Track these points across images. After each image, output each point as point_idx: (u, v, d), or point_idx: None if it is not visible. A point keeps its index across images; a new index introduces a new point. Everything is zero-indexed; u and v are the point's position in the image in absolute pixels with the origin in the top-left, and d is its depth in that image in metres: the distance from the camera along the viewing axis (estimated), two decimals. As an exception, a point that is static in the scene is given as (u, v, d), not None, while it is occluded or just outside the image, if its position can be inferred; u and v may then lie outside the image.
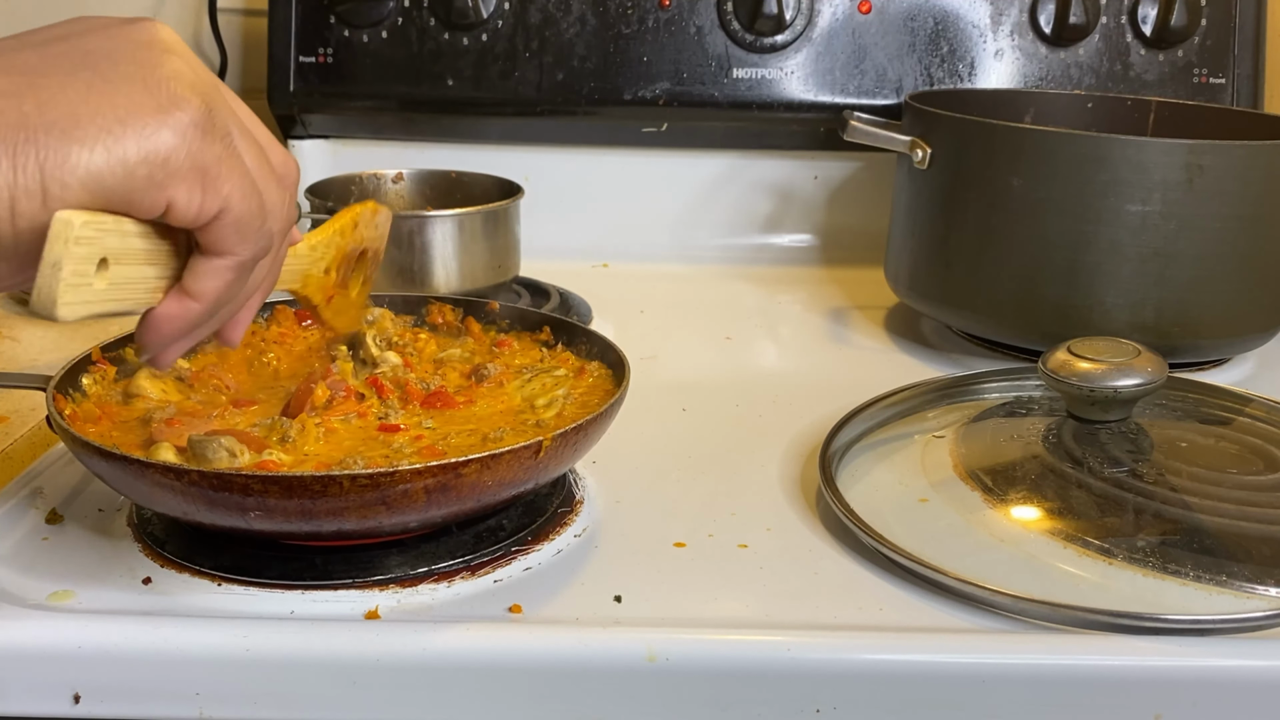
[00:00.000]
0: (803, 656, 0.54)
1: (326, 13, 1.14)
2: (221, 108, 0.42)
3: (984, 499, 0.65)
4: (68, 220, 0.39)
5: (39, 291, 0.40)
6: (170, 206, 0.40)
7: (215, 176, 0.41)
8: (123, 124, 0.39)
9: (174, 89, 0.40)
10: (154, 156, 0.39)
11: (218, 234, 0.42)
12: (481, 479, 0.55)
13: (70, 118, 0.38)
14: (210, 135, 0.41)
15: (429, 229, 0.96)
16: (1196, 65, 1.14)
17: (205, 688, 0.53)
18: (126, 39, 0.41)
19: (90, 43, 0.41)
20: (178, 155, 0.40)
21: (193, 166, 0.40)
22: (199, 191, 0.41)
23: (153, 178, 0.39)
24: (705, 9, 1.13)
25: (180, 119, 0.40)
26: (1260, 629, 0.55)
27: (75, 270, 0.40)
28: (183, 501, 0.54)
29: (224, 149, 0.42)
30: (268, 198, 0.44)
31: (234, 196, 0.42)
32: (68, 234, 0.39)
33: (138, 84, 0.40)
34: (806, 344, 1.01)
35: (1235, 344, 0.92)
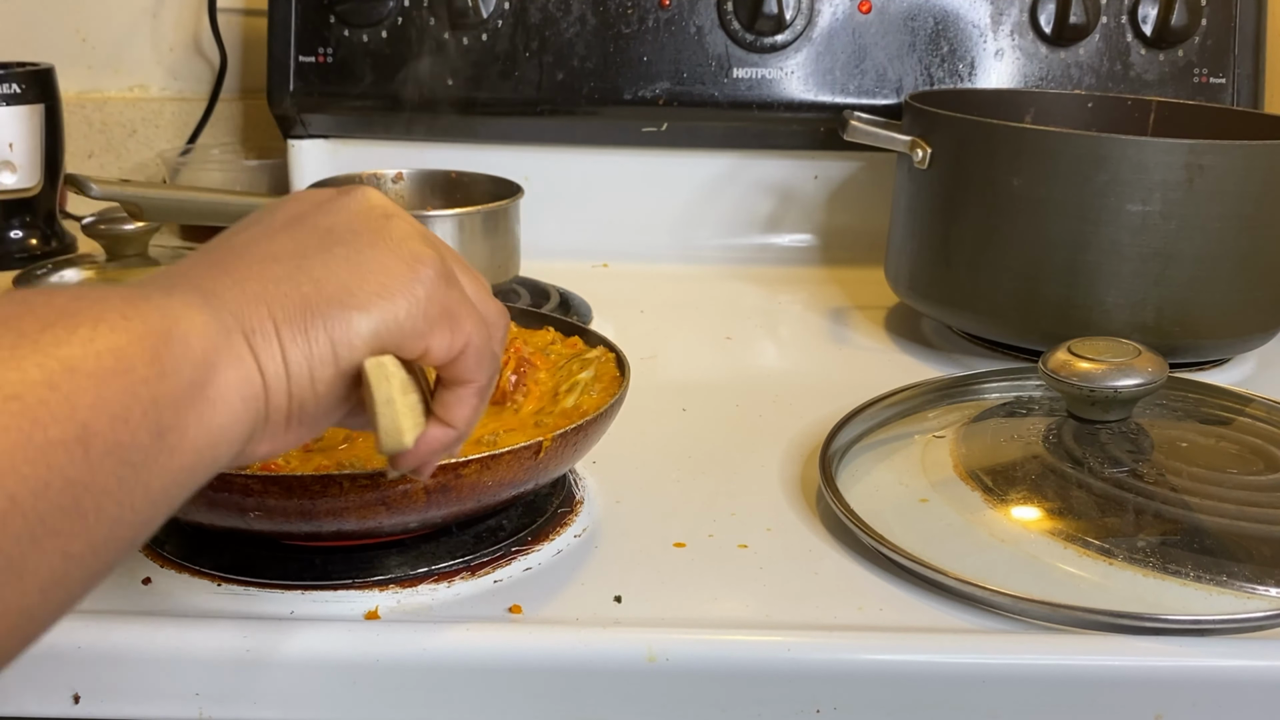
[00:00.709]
0: (803, 656, 0.54)
1: (326, 13, 1.14)
2: (447, 255, 0.48)
3: (984, 499, 0.65)
4: (381, 362, 0.44)
5: (385, 434, 0.45)
6: (428, 351, 0.45)
7: (458, 318, 0.46)
8: (387, 288, 0.44)
9: (414, 249, 0.46)
10: (415, 309, 0.44)
11: (462, 366, 0.47)
12: (481, 479, 0.55)
13: (344, 290, 0.43)
14: (449, 283, 0.46)
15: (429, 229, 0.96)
16: (1197, 65, 1.14)
17: (205, 688, 0.53)
18: (353, 211, 0.47)
19: (324, 220, 0.46)
20: (432, 304, 0.45)
21: (442, 313, 0.45)
22: (449, 333, 0.46)
23: (416, 328, 0.44)
24: (705, 9, 1.13)
25: (427, 274, 0.45)
26: (1260, 629, 0.55)
27: (403, 400, 0.45)
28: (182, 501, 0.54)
29: (459, 293, 0.47)
30: (492, 323, 0.49)
31: (474, 333, 0.47)
32: (386, 372, 0.44)
33: (384, 250, 0.45)
34: (806, 344, 1.01)
35: (1235, 344, 0.92)
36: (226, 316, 0.41)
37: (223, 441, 0.40)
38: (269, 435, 0.43)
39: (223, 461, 0.41)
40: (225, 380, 0.40)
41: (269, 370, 0.41)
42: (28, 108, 1.10)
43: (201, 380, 0.39)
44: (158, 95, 1.35)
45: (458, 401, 0.48)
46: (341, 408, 0.45)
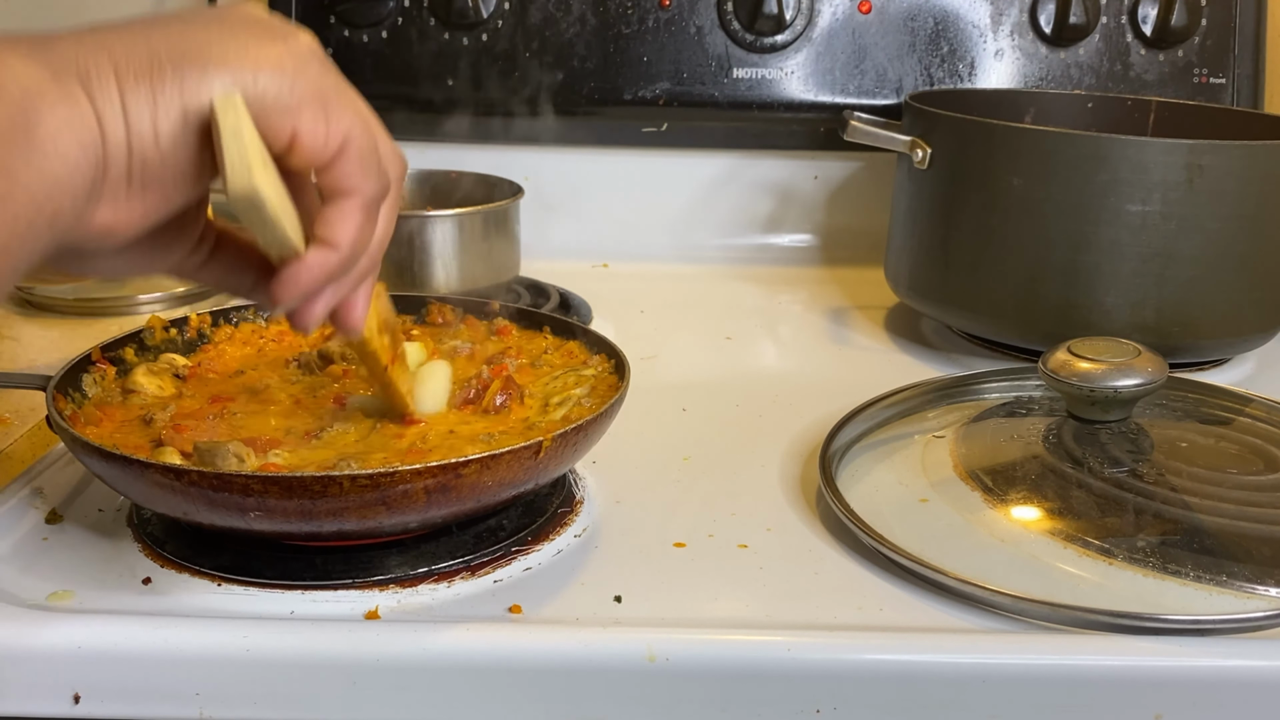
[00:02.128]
0: (803, 656, 0.54)
1: (326, 13, 1.14)
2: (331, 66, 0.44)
3: (984, 499, 0.65)
4: (231, 95, 0.40)
5: (232, 167, 0.40)
6: (296, 134, 0.41)
7: (335, 105, 0.42)
8: (250, 51, 0.41)
9: (287, 27, 0.43)
10: (282, 79, 0.41)
11: (343, 169, 0.43)
12: (481, 479, 0.55)
13: (200, 50, 0.40)
14: (325, 66, 0.43)
15: (429, 229, 0.96)
16: (1196, 65, 1.14)
17: (205, 688, 0.53)
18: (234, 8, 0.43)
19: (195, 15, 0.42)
20: (302, 79, 0.41)
21: (315, 92, 0.42)
22: (323, 118, 0.42)
23: (281, 100, 0.41)
24: (705, 9, 1.13)
25: (298, 47, 0.42)
26: (1260, 629, 0.55)
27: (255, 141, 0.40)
28: (183, 502, 0.54)
29: (338, 80, 0.43)
30: (381, 138, 0.45)
31: (354, 127, 0.43)
32: (235, 104, 0.40)
33: (253, 25, 0.42)
34: (806, 344, 1.01)
35: (1235, 344, 0.92)
36: (56, 60, 0.38)
37: (60, 192, 0.37)
38: (110, 194, 0.40)
39: (65, 217, 0.38)
40: (54, 121, 0.37)
41: (106, 115, 0.38)
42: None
43: (24, 122, 0.36)
44: (158, 95, 1.35)
45: (340, 216, 0.44)
46: (193, 176, 0.41)
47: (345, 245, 0.44)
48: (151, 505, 0.59)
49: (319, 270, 0.44)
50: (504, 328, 0.76)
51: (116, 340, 0.69)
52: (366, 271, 0.48)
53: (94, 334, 0.91)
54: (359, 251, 0.45)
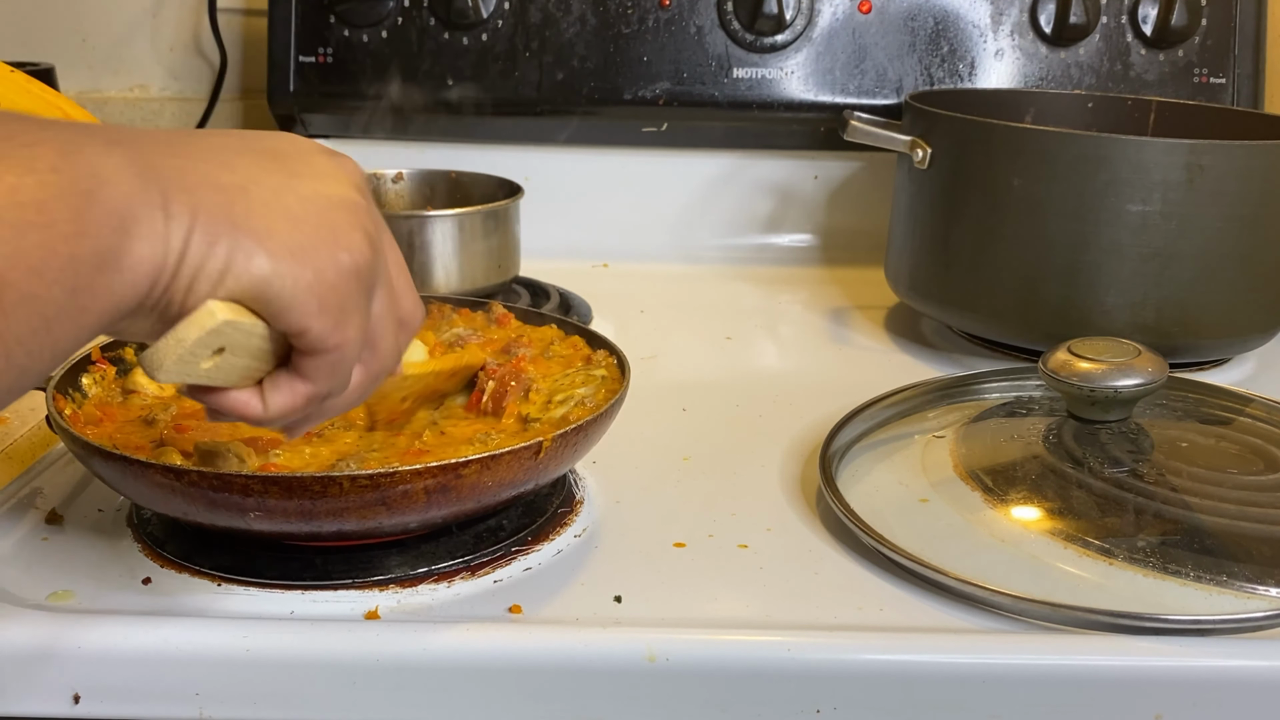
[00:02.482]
0: (803, 656, 0.54)
1: (326, 13, 1.14)
2: (380, 263, 0.46)
3: (984, 499, 0.65)
4: (212, 312, 0.41)
5: (154, 353, 0.42)
6: (304, 333, 0.43)
7: (348, 320, 0.44)
8: (305, 252, 0.42)
9: (356, 238, 0.44)
10: (316, 289, 0.42)
11: (314, 365, 0.45)
12: (481, 480, 0.55)
13: (266, 228, 0.41)
14: (360, 284, 0.44)
15: (429, 229, 0.96)
16: (1197, 65, 1.14)
17: (205, 688, 0.53)
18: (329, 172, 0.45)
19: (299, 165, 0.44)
20: (334, 294, 0.43)
21: (338, 307, 0.43)
22: (331, 328, 0.44)
23: (307, 305, 0.42)
24: (705, 9, 1.13)
25: (347, 262, 0.43)
26: (1260, 629, 0.55)
27: (194, 353, 0.42)
28: (183, 502, 0.54)
29: (365, 300, 0.45)
30: (381, 344, 0.47)
31: (351, 342, 0.45)
32: (207, 324, 0.41)
33: (327, 220, 0.43)
34: (806, 344, 1.01)
35: (1235, 344, 0.92)
36: (154, 191, 0.39)
37: (118, 309, 0.39)
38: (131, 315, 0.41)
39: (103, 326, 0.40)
40: (139, 253, 0.38)
41: (170, 252, 0.40)
42: (28, 108, 1.10)
43: (118, 249, 0.38)
44: (158, 95, 1.35)
45: (284, 389, 0.45)
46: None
47: (273, 411, 0.46)
48: (151, 505, 0.59)
49: (243, 412, 0.45)
50: (503, 316, 0.76)
51: (116, 340, 0.69)
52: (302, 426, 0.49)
53: (94, 334, 0.91)
54: (283, 419, 0.46)
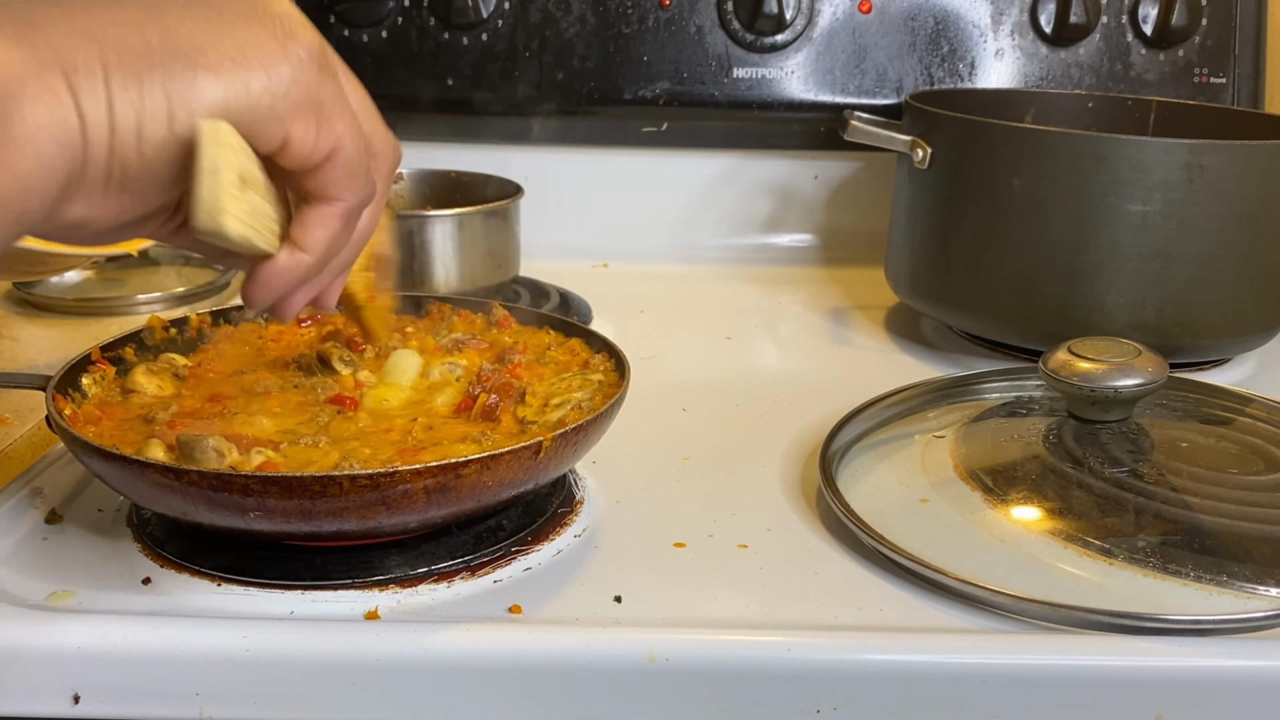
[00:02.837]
0: (803, 656, 0.54)
1: (326, 13, 1.14)
2: (329, 50, 0.43)
3: (984, 499, 0.65)
4: (217, 125, 0.38)
5: (201, 202, 0.39)
6: (287, 142, 0.40)
7: (329, 113, 0.41)
8: (245, 54, 0.39)
9: (289, 25, 0.41)
10: (276, 87, 0.39)
11: (328, 176, 0.42)
12: (481, 479, 0.55)
13: (194, 47, 0.38)
14: (325, 72, 0.41)
15: (429, 229, 0.96)
16: (1197, 65, 1.14)
17: (205, 688, 0.53)
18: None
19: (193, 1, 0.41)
20: (297, 87, 0.40)
21: (309, 100, 0.40)
22: (314, 127, 0.41)
23: (274, 108, 0.40)
24: (705, 9, 1.13)
25: (298, 52, 0.40)
26: (1260, 629, 0.55)
27: (230, 179, 0.39)
28: (182, 501, 0.54)
29: (336, 87, 0.42)
30: (374, 139, 0.44)
31: (345, 136, 0.42)
32: (219, 138, 0.38)
33: (253, 20, 0.40)
34: (806, 344, 1.01)
35: (1235, 344, 0.92)
36: (43, 49, 0.36)
37: (32, 191, 0.36)
38: (85, 193, 0.38)
39: (33, 215, 0.37)
40: (32, 118, 0.35)
41: (90, 115, 0.37)
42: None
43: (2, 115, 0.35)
44: (158, 95, 1.35)
45: (317, 221, 0.43)
46: (171, 182, 0.40)
47: (317, 251, 0.43)
48: (151, 505, 0.59)
49: (290, 274, 0.43)
50: (503, 319, 0.76)
51: (116, 340, 0.69)
52: (344, 265, 0.47)
53: (94, 334, 0.91)
54: (330, 256, 0.44)
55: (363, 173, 0.43)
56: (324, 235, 0.43)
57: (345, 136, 0.42)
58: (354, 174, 0.43)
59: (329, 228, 0.43)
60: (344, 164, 0.42)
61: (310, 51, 0.41)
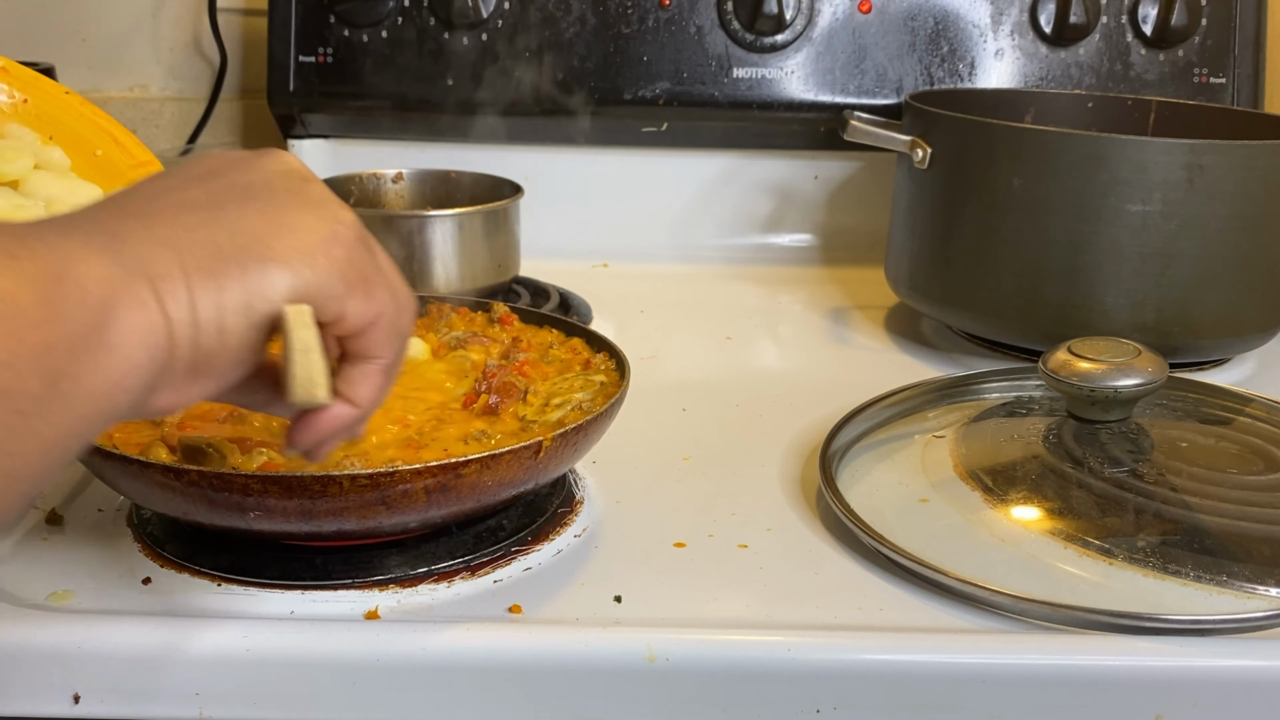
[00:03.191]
0: (803, 656, 0.54)
1: (326, 13, 1.14)
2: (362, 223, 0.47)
3: (984, 499, 0.65)
4: (300, 310, 0.42)
5: (298, 381, 0.44)
6: (344, 314, 0.44)
7: (374, 286, 0.45)
8: (307, 245, 0.43)
9: (334, 210, 0.45)
10: (334, 270, 0.43)
11: (372, 339, 0.46)
12: (481, 479, 0.55)
13: (260, 241, 0.42)
14: (368, 248, 0.46)
15: (429, 229, 0.96)
16: (1197, 65, 1.14)
17: (205, 688, 0.53)
18: (271, 170, 0.45)
19: (241, 177, 0.44)
20: (351, 269, 0.44)
21: (360, 278, 0.44)
22: (364, 300, 0.45)
23: (334, 289, 0.43)
24: (705, 9, 1.13)
25: (347, 235, 0.45)
26: (1260, 629, 0.55)
27: (319, 356, 0.44)
28: (183, 501, 0.54)
29: (376, 261, 0.46)
30: (401, 299, 0.48)
31: (387, 304, 0.46)
32: (303, 320, 0.42)
33: (304, 208, 0.44)
34: (806, 344, 1.01)
35: (1235, 344, 0.92)
36: (129, 259, 0.38)
37: (121, 390, 0.38)
38: (171, 386, 0.41)
39: (122, 411, 0.39)
40: (125, 326, 0.38)
41: (175, 317, 0.39)
42: (28, 108, 1.10)
43: (98, 325, 0.37)
44: (158, 95, 1.35)
45: (363, 378, 0.47)
46: (250, 363, 0.43)
47: (366, 405, 0.47)
48: (151, 505, 0.59)
49: (339, 424, 0.47)
50: (505, 316, 0.76)
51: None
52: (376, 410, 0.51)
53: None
54: (376, 407, 0.48)
55: (399, 331, 0.47)
56: (370, 390, 0.47)
57: (387, 305, 0.46)
58: (393, 335, 0.47)
59: (375, 382, 0.47)
60: (385, 327, 0.46)
61: (355, 232, 0.45)
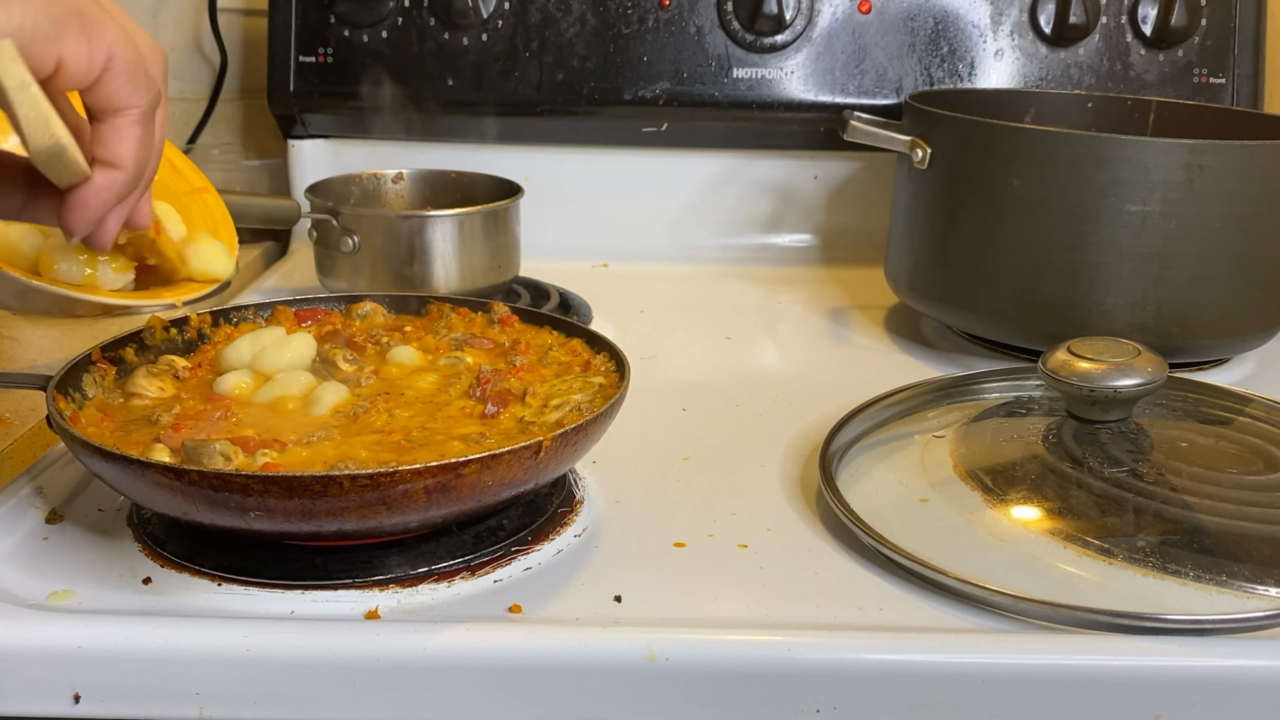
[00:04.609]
0: (803, 656, 0.54)
1: (326, 13, 1.14)
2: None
3: (984, 499, 0.65)
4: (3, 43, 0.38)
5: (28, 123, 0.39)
6: (61, 61, 0.40)
7: (93, 23, 0.41)
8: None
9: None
10: (36, 7, 0.39)
11: (112, 86, 0.42)
12: (481, 479, 0.55)
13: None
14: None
15: (429, 229, 0.96)
16: (1196, 65, 1.14)
17: (205, 688, 0.53)
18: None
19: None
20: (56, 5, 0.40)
21: (72, 13, 0.40)
22: (84, 41, 0.40)
23: (41, 29, 0.39)
24: (705, 9, 1.13)
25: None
26: (1260, 629, 0.55)
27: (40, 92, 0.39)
28: (183, 501, 0.54)
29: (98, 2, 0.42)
30: (141, 43, 0.44)
31: (116, 44, 0.42)
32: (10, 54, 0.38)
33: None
34: (806, 344, 1.01)
35: (1235, 344, 0.92)
36: None
37: None
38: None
39: None
40: None
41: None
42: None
43: None
44: (158, 95, 1.35)
45: (116, 134, 0.43)
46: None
47: (129, 163, 0.43)
48: (151, 505, 0.59)
49: (108, 192, 0.43)
50: (505, 317, 0.76)
51: (116, 340, 0.69)
52: (151, 177, 0.47)
53: (94, 334, 0.91)
54: (143, 166, 0.44)
55: (144, 74, 0.43)
56: (129, 145, 0.43)
57: (116, 43, 0.42)
58: (136, 77, 0.42)
59: (131, 136, 0.43)
60: (124, 69, 0.42)
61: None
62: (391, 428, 0.62)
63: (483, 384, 0.66)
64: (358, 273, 0.98)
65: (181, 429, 0.61)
